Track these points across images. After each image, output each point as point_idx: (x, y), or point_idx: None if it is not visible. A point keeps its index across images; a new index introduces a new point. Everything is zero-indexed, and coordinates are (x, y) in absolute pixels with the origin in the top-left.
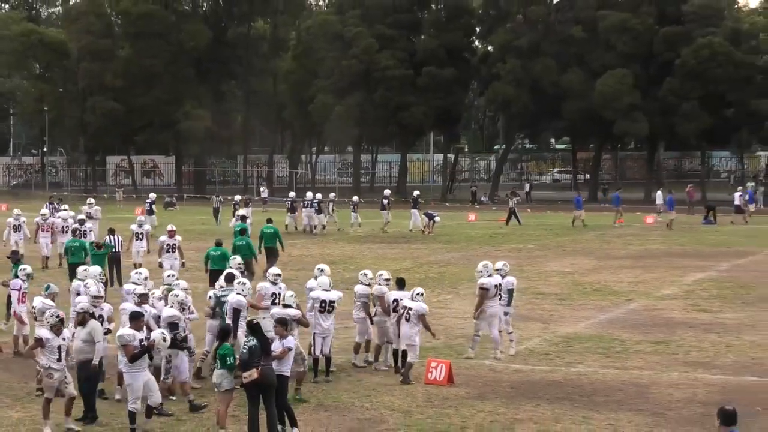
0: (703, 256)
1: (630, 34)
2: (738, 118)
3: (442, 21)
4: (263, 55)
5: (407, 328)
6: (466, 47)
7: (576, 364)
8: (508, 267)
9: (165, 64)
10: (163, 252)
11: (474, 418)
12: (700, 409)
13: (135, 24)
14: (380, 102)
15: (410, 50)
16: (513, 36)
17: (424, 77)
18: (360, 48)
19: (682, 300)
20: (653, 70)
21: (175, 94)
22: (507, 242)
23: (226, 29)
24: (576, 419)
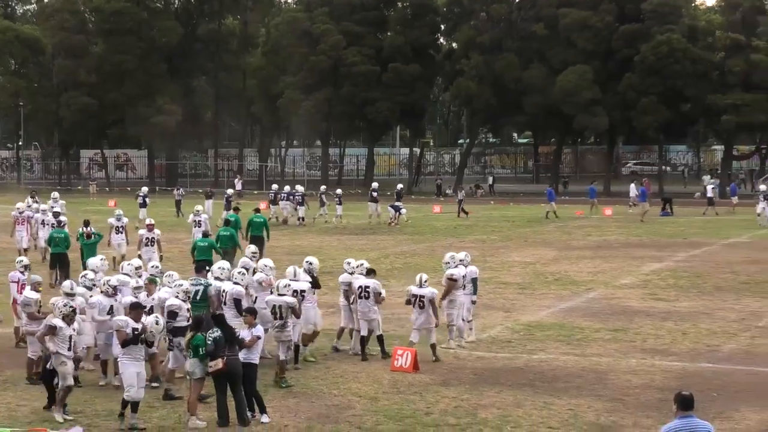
0: (660, 246)
1: (590, 32)
2: (695, 112)
3: (408, 18)
4: (233, 52)
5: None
6: (431, 44)
7: (537, 351)
8: (470, 258)
9: (137, 60)
10: (142, 245)
11: (438, 404)
12: (658, 394)
13: (108, 21)
14: (347, 97)
15: (377, 47)
16: (476, 33)
17: (390, 73)
18: (328, 44)
19: (640, 289)
20: (613, 66)
21: (147, 90)
22: (471, 234)
23: (197, 26)
24: (537, 405)
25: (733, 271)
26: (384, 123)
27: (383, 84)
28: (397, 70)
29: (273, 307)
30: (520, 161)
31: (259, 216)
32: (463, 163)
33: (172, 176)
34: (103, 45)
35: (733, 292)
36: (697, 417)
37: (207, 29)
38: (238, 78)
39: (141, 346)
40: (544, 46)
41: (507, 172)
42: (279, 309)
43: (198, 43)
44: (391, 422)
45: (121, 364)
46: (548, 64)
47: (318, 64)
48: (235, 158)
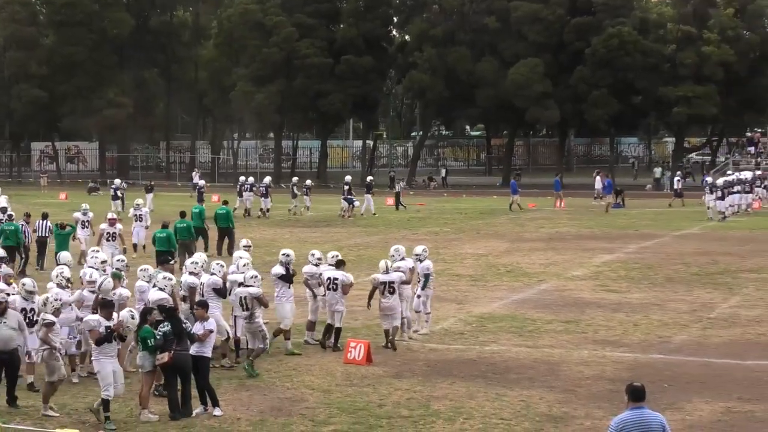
0: (612, 238)
1: (541, 24)
2: (646, 105)
3: (361, 10)
4: (185, 44)
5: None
6: (383, 36)
7: (489, 343)
8: (427, 252)
9: (88, 52)
10: (103, 240)
11: (391, 396)
12: (609, 385)
13: (59, 12)
14: (300, 89)
15: (329, 39)
16: (429, 26)
17: (343, 65)
18: (280, 36)
19: (592, 281)
20: (564, 59)
21: (99, 81)
22: (424, 226)
23: (149, 17)
24: (489, 396)
25: (684, 262)
26: (337, 115)
27: (336, 76)
28: (350, 62)
29: (240, 299)
30: (473, 154)
31: (223, 207)
32: (416, 155)
33: (123, 169)
34: (54, 37)
35: (685, 283)
36: (649, 408)
37: (159, 21)
38: (190, 70)
39: (115, 343)
40: (496, 38)
41: (460, 165)
42: (245, 300)
43: (149, 34)
44: (344, 414)
45: (98, 363)
46: (500, 57)
47: (270, 56)
48: (187, 150)
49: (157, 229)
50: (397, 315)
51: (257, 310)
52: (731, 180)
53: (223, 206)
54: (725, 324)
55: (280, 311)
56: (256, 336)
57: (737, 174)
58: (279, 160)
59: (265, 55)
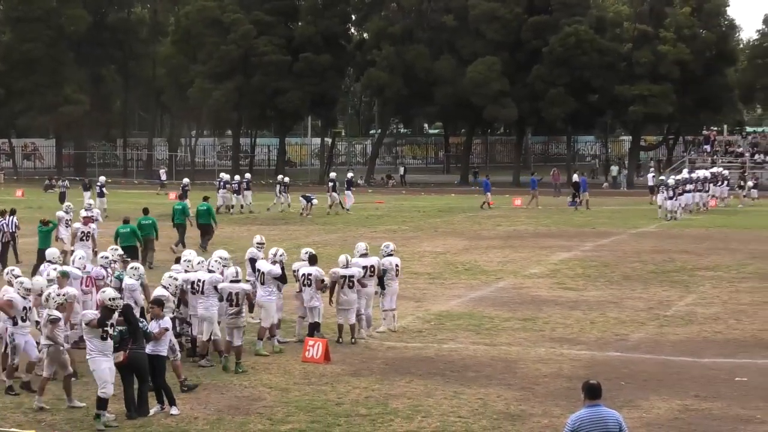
0: (569, 236)
1: (499, 23)
2: (602, 103)
3: (319, 8)
4: (142, 40)
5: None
6: (342, 34)
7: (447, 340)
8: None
9: (45, 48)
10: (77, 240)
11: (349, 395)
12: (566, 383)
13: (16, 8)
14: (258, 87)
15: (287, 36)
16: (387, 23)
17: (301, 63)
18: (238, 34)
19: (549, 278)
20: (521, 58)
21: (55, 78)
22: (382, 224)
23: (107, 14)
24: (447, 394)
25: (641, 260)
26: (295, 113)
27: (294, 74)
28: (308, 59)
29: (228, 295)
30: (431, 152)
31: (204, 204)
32: (375, 153)
33: (80, 166)
34: (11, 33)
35: (641, 281)
36: (605, 406)
37: (116, 17)
38: (148, 67)
39: (110, 341)
40: (454, 36)
41: (418, 163)
42: (235, 296)
43: (107, 31)
44: (301, 413)
45: (93, 361)
46: (458, 55)
47: (228, 53)
48: (145, 148)
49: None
50: (353, 310)
51: (245, 307)
52: (683, 179)
53: (204, 203)
54: (682, 322)
55: (270, 310)
56: (238, 332)
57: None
58: (237, 158)
59: (222, 52)
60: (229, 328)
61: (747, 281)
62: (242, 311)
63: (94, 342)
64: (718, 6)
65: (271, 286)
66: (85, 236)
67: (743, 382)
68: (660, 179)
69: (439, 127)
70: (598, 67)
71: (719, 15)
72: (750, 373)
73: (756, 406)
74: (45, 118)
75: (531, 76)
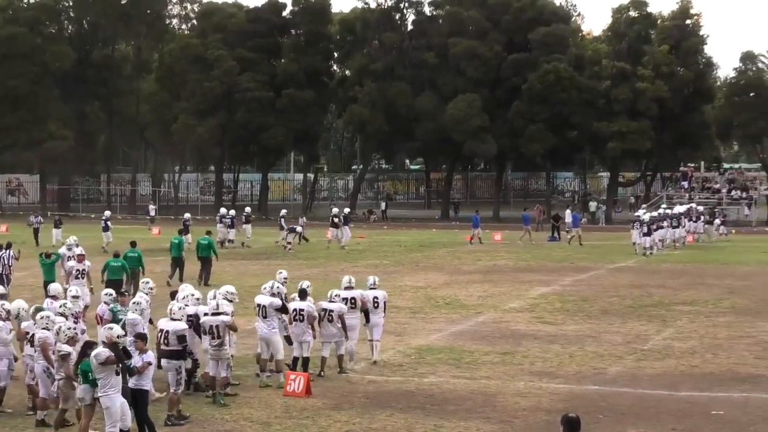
0: (548, 271)
1: (479, 61)
2: (581, 139)
3: (302, 45)
4: (126, 77)
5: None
6: (324, 71)
7: (428, 374)
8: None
9: (30, 85)
10: (71, 278)
11: (330, 428)
12: (545, 416)
13: (1, 45)
14: (241, 123)
15: (271, 73)
16: (369, 60)
17: (284, 99)
18: (221, 70)
19: (528, 313)
20: (501, 95)
21: (40, 114)
22: (364, 258)
23: (91, 51)
24: (428, 428)
25: (618, 295)
26: (278, 148)
27: (277, 110)
28: (291, 96)
29: (210, 327)
30: (413, 187)
31: (205, 238)
32: (357, 188)
33: (64, 201)
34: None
35: (619, 315)
36: None
37: (100, 55)
38: (132, 103)
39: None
40: (435, 74)
41: (400, 198)
42: (216, 329)
43: (91, 68)
44: None
45: (107, 398)
46: (439, 92)
47: (212, 90)
48: (128, 183)
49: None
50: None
51: (227, 337)
52: (658, 215)
53: (206, 236)
54: (659, 356)
55: (277, 343)
56: (222, 363)
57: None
58: (220, 193)
59: (206, 89)
60: (213, 360)
61: (723, 316)
62: (224, 343)
63: (110, 379)
64: (695, 44)
65: (273, 320)
66: (80, 274)
67: (719, 416)
68: (635, 215)
69: (420, 163)
70: (577, 103)
71: (697, 53)
72: (726, 407)
73: None
74: (29, 153)
75: (510, 113)
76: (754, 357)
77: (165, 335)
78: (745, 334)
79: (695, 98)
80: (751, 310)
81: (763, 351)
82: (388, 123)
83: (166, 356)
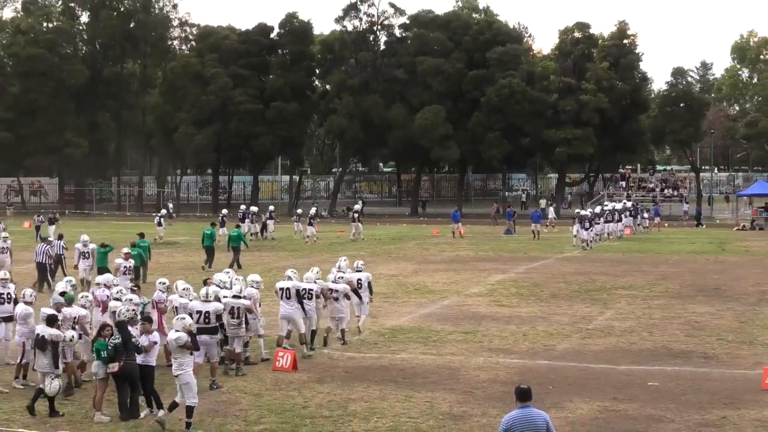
0: (504, 260)
1: (443, 76)
2: (533, 146)
3: (288, 63)
4: (134, 92)
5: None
6: (307, 86)
7: (400, 351)
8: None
9: (49, 99)
10: (119, 273)
11: (314, 399)
12: (502, 387)
13: (23, 64)
14: (235, 132)
15: (260, 88)
16: (347, 76)
17: (272, 111)
18: (217, 86)
19: (487, 297)
20: (463, 106)
21: (58, 125)
22: (344, 250)
23: (102, 69)
24: (399, 398)
25: (566, 281)
26: (267, 154)
27: (266, 120)
28: (279, 108)
29: (231, 308)
30: (386, 187)
31: (236, 231)
32: (337, 189)
33: (80, 201)
34: (19, 86)
35: (566, 299)
36: (535, 407)
37: (110, 72)
38: (138, 115)
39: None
40: (405, 88)
41: (374, 197)
42: (237, 310)
43: (102, 84)
44: (273, 415)
45: (186, 374)
46: (408, 104)
47: (209, 103)
48: (136, 185)
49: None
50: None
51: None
52: (595, 212)
53: (236, 229)
54: (601, 334)
55: (298, 320)
56: (239, 341)
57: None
58: (216, 193)
59: (203, 102)
60: (231, 337)
61: (657, 299)
62: (242, 323)
63: (186, 359)
64: (632, 61)
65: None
66: (127, 270)
67: (654, 387)
68: (576, 212)
69: (392, 166)
70: (529, 114)
71: (633, 69)
72: (660, 379)
73: (666, 407)
74: (49, 159)
75: (471, 122)
76: (684, 335)
77: (206, 315)
78: (677, 315)
79: (632, 109)
80: (681, 294)
81: (693, 330)
82: (363, 131)
83: (209, 332)
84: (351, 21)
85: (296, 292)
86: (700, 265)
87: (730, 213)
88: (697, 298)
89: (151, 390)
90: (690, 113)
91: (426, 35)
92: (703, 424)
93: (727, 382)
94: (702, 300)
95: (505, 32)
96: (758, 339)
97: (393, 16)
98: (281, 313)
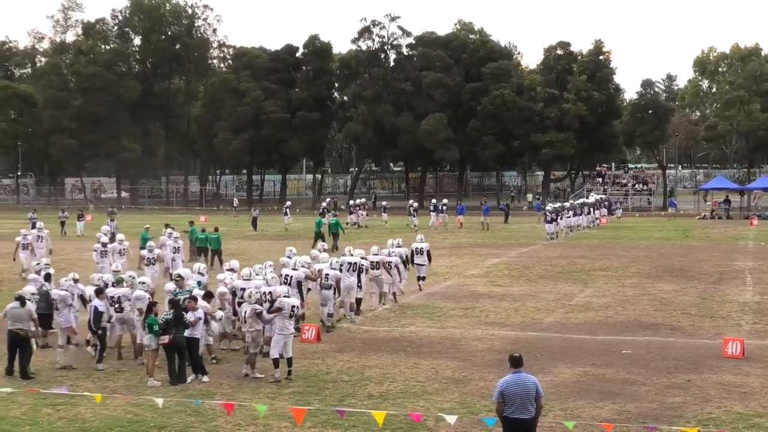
0: (498, 246)
1: (444, 88)
2: (522, 147)
3: (311, 78)
4: (179, 104)
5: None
6: (328, 97)
7: (409, 325)
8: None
9: (107, 110)
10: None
11: (336, 366)
12: (497, 356)
13: (85, 81)
14: (266, 137)
15: (288, 99)
16: (362, 89)
17: (298, 119)
18: (250, 98)
19: (483, 278)
20: (461, 114)
21: (115, 133)
22: (359, 238)
23: (153, 85)
24: (408, 365)
25: (551, 264)
26: (293, 156)
27: (293, 127)
28: (303, 117)
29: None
30: (395, 184)
31: (334, 219)
32: (353, 185)
33: (134, 197)
34: (81, 99)
35: (552, 279)
36: (525, 372)
37: (160, 87)
38: (183, 123)
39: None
40: (412, 98)
41: (385, 192)
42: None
43: (153, 97)
44: (300, 380)
45: (278, 336)
46: (414, 112)
47: (243, 113)
48: (182, 183)
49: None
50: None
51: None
52: (563, 206)
53: (334, 218)
54: (582, 309)
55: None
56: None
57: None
58: (250, 190)
59: (239, 112)
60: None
61: (630, 278)
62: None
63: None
64: (606, 74)
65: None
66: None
67: (628, 354)
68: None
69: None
70: (518, 120)
71: (608, 81)
72: (633, 347)
73: (638, 371)
74: (108, 162)
75: (469, 128)
76: (653, 310)
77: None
78: (647, 292)
79: (607, 115)
80: (651, 275)
81: (661, 305)
82: (376, 136)
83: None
84: (365, 41)
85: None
86: (667, 249)
87: (693, 204)
88: (665, 278)
89: (196, 359)
90: (657, 119)
91: (429, 53)
92: (671, 386)
93: (691, 351)
94: (669, 279)
95: (497, 50)
96: (718, 313)
97: (401, 37)
98: (344, 283)
